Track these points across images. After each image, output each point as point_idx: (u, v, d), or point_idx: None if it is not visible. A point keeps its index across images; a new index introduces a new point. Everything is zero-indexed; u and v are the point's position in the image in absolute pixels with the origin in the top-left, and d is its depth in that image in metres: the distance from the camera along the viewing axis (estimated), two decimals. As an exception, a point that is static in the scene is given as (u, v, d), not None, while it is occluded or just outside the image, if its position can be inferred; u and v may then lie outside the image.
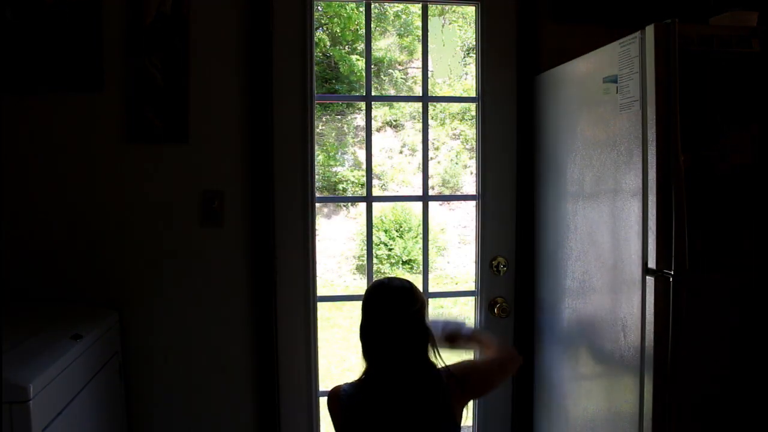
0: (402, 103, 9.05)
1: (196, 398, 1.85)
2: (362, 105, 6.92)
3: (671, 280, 1.28)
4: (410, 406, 1.27)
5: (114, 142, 1.77)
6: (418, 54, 9.14)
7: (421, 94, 2.01)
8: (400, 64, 9.44)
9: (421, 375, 1.30)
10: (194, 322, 1.83)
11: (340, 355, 5.38)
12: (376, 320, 1.31)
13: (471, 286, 2.25)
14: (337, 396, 1.34)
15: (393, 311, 1.29)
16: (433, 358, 1.32)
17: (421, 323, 1.31)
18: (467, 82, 9.11)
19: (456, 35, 9.52)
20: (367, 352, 1.32)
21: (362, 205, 8.05)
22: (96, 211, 1.78)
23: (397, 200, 9.16)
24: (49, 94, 1.75)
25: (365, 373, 1.34)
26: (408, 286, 1.34)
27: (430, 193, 4.23)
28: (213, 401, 1.86)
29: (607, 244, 1.50)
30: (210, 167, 1.82)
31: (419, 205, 2.05)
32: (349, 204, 8.39)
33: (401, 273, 7.36)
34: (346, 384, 1.36)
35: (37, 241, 1.76)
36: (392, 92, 9.12)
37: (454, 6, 7.97)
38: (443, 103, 8.93)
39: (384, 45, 9.33)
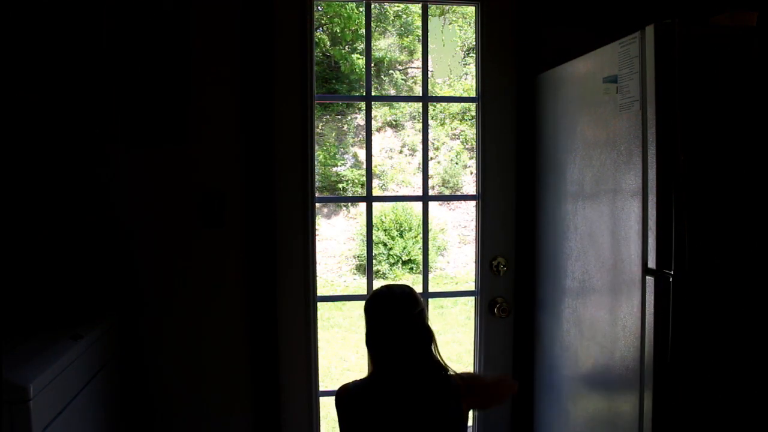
0: (402, 103, 9.05)
1: (195, 398, 1.85)
2: (362, 105, 6.93)
3: (671, 280, 1.28)
4: (421, 406, 1.31)
5: (112, 143, 1.77)
6: (418, 54, 9.15)
7: (421, 94, 2.01)
8: (400, 64, 9.45)
9: (429, 375, 1.34)
10: (194, 322, 1.83)
11: (340, 355, 5.38)
12: (382, 326, 1.36)
13: (471, 286, 2.25)
14: (346, 395, 1.36)
15: (397, 316, 1.34)
16: (438, 358, 1.36)
17: (423, 325, 1.36)
18: (467, 82, 9.11)
19: (456, 35, 9.53)
20: (376, 358, 1.37)
21: (362, 205, 8.06)
22: (95, 212, 1.78)
23: (397, 200, 9.17)
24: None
25: (373, 374, 1.38)
26: (408, 291, 1.40)
27: (430, 193, 4.23)
28: (213, 401, 1.86)
29: (607, 244, 1.50)
30: (210, 168, 1.82)
31: (419, 205, 2.05)
32: (349, 204, 8.39)
33: (401, 273, 7.37)
34: (353, 383, 1.39)
35: (38, 241, 1.76)
36: (392, 92, 9.12)
37: (454, 6, 7.98)
38: (443, 103, 8.94)
39: (384, 45, 9.34)
